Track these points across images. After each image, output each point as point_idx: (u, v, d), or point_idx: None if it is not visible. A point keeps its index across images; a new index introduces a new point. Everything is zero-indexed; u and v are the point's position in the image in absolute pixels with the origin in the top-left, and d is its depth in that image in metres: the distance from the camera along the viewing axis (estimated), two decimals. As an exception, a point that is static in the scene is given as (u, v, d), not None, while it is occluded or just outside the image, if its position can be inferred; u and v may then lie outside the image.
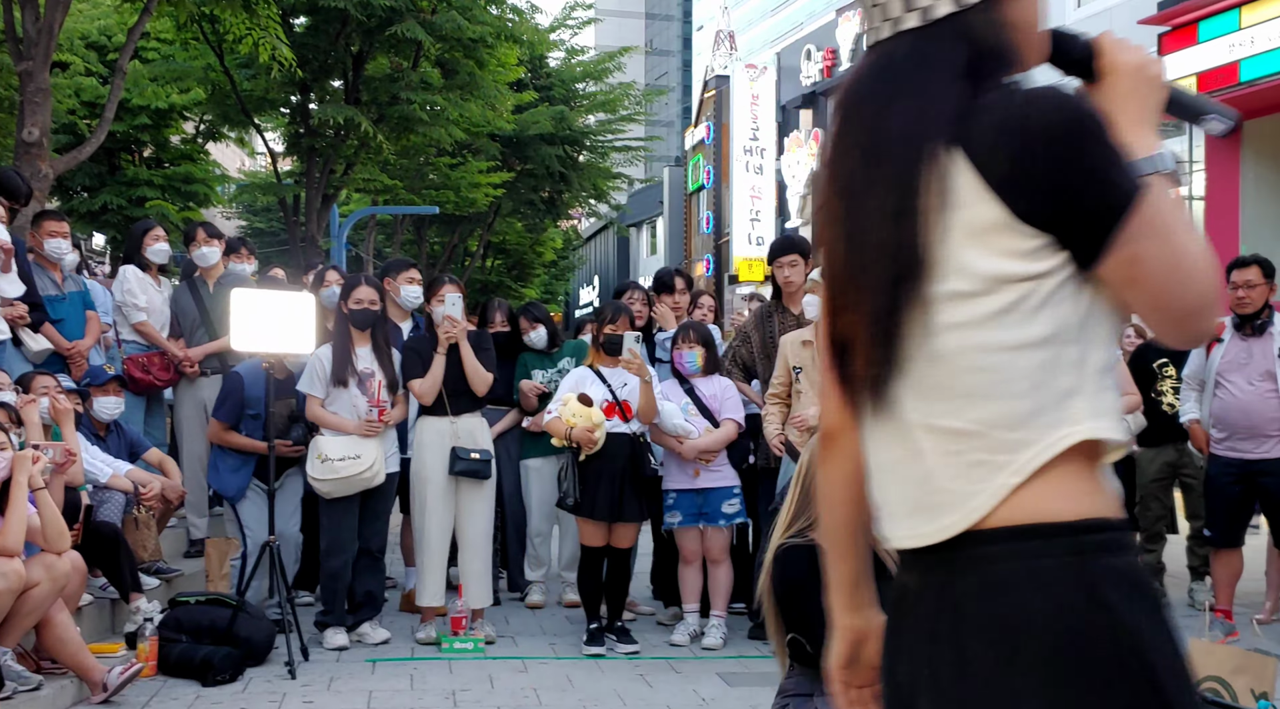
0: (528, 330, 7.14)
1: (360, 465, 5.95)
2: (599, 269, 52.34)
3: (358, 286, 6.13)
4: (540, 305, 7.44)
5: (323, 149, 15.09)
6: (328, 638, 6.02)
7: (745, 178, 30.80)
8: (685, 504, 6.20)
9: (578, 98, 24.95)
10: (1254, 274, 6.18)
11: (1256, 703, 4.17)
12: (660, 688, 5.37)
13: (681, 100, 61.15)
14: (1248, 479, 6.17)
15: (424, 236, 25.60)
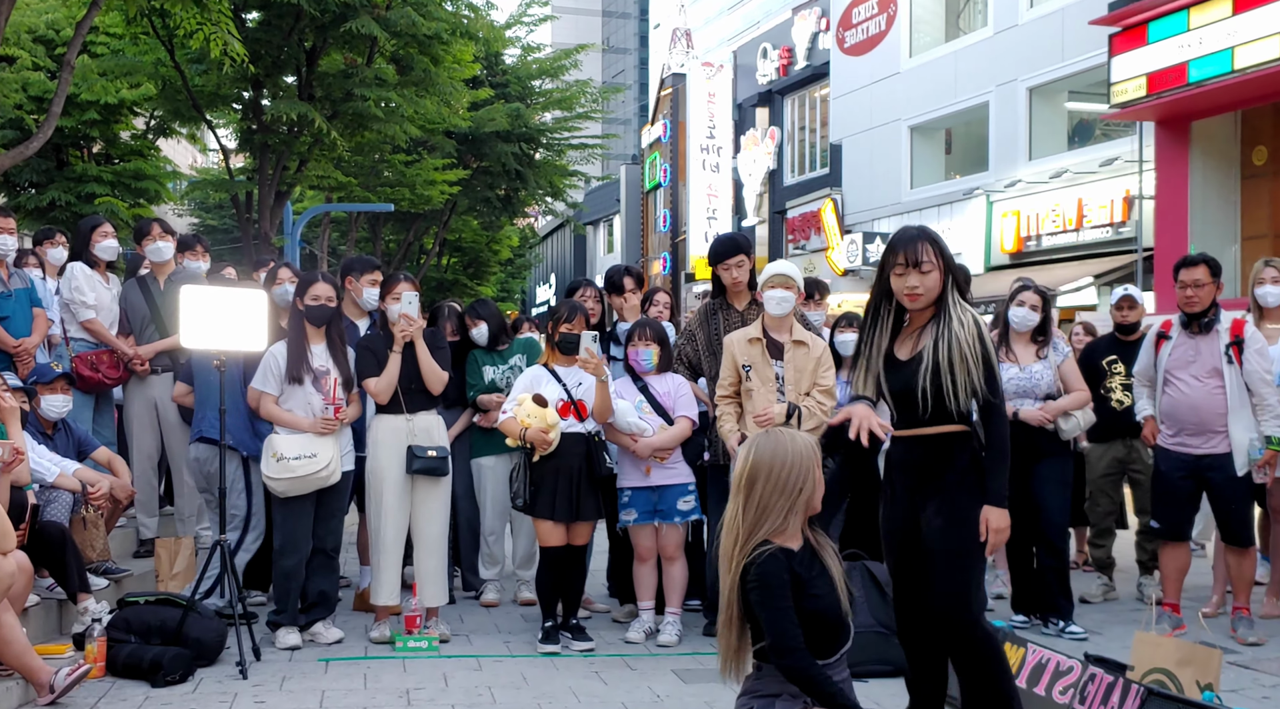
0: (471, 327, 7.13)
1: (316, 464, 5.90)
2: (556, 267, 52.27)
3: (315, 283, 6.08)
4: (487, 303, 7.39)
5: (276, 145, 14.96)
6: (280, 637, 5.97)
7: (702, 176, 30.84)
8: (640, 502, 6.20)
9: (534, 95, 24.90)
10: (1202, 273, 6.25)
11: (1202, 694, 4.23)
12: (615, 685, 5.37)
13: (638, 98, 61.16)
14: (1195, 474, 6.25)
15: (379, 234, 25.45)
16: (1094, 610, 7.00)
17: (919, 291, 4.00)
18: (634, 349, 6.29)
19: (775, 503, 3.48)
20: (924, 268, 3.99)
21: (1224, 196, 15.65)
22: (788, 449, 3.51)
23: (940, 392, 3.91)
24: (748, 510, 3.49)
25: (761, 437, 3.59)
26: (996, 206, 20.07)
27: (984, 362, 3.92)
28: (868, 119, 24.38)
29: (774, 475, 3.48)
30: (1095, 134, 19.41)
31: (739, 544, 3.50)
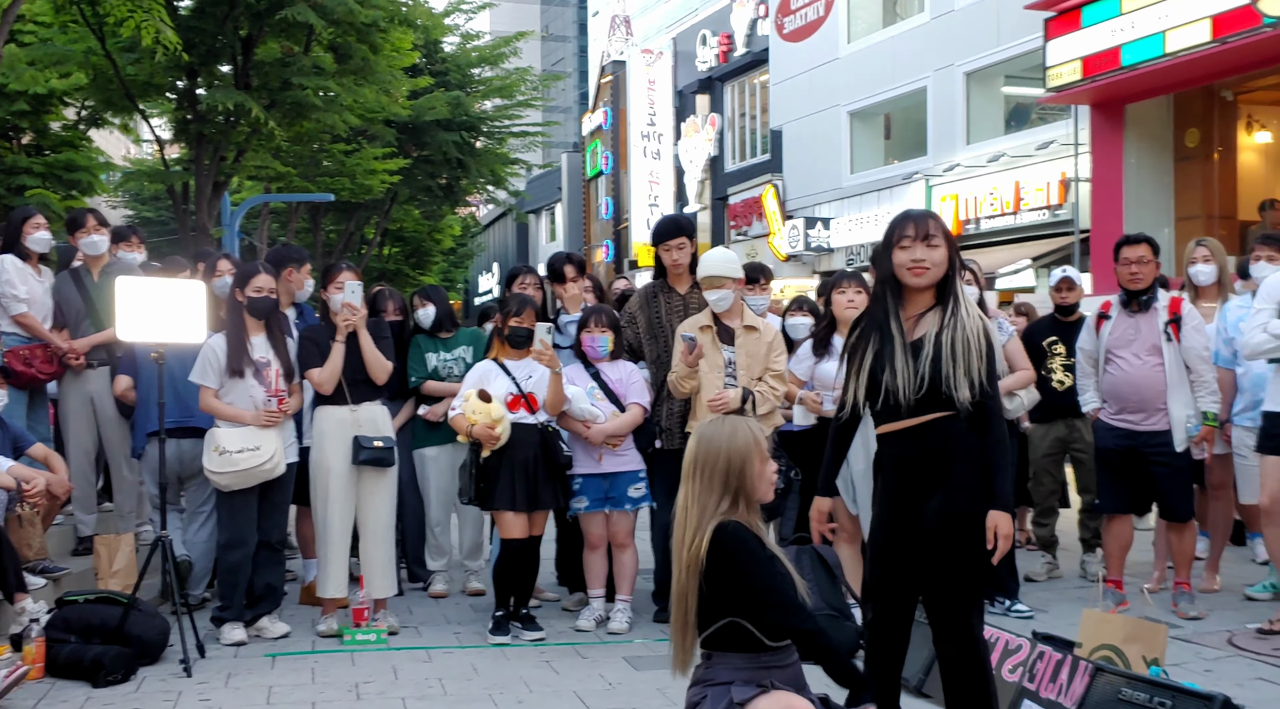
0: (417, 308, 7.07)
1: (260, 457, 5.82)
2: (498, 256, 52.01)
3: (256, 274, 5.98)
4: (439, 289, 7.36)
5: (212, 135, 14.73)
6: (225, 633, 5.88)
7: (643, 163, 30.83)
8: (592, 489, 6.18)
9: (474, 83, 24.77)
10: (1144, 251, 6.33)
11: (1149, 669, 4.29)
12: (566, 674, 5.35)
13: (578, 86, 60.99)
14: (1135, 451, 6.33)
15: (319, 224, 25.19)
16: (1039, 589, 7.08)
17: (925, 265, 3.80)
18: (589, 335, 6.26)
19: (725, 488, 3.48)
20: (932, 242, 3.81)
21: (1158, 179, 15.88)
22: (735, 435, 3.50)
23: (938, 380, 3.72)
24: (699, 496, 3.48)
25: (710, 423, 3.59)
26: (936, 191, 20.23)
27: (988, 356, 3.76)
28: (807, 105, 24.48)
29: (722, 461, 3.47)
30: (1031, 118, 19.61)
31: (692, 529, 3.48)
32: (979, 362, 3.73)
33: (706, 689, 3.47)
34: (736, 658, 3.45)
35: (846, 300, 5.97)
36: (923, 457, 3.79)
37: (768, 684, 3.37)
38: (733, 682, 3.41)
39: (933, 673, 4.89)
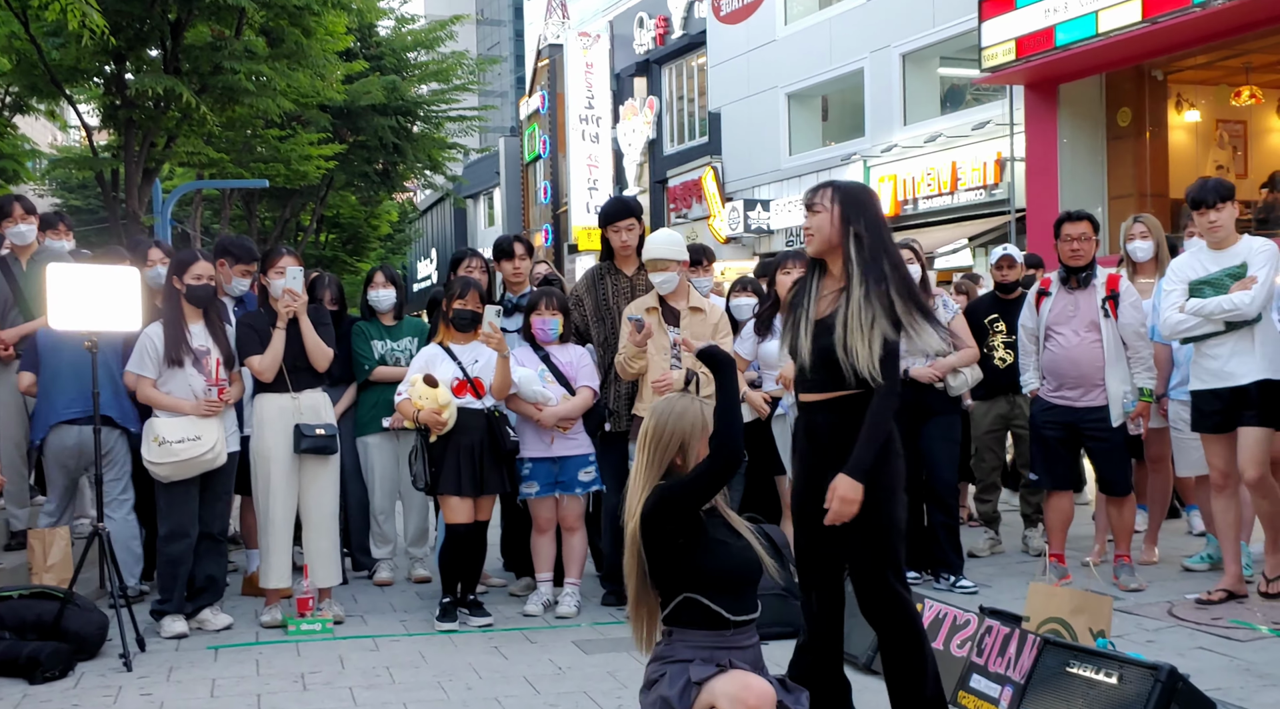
0: (375, 288, 7.00)
1: (201, 447, 5.70)
2: (437, 242, 51.64)
3: (195, 262, 5.86)
4: (397, 273, 7.31)
5: (142, 121, 14.41)
6: (165, 626, 5.77)
7: (582, 147, 30.69)
8: (541, 473, 6.13)
9: (409, 67, 24.50)
10: (1085, 227, 6.39)
11: (1096, 641, 4.33)
12: (515, 659, 5.31)
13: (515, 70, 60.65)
14: (1073, 426, 6.40)
15: (254, 211, 24.83)
16: (982, 564, 7.15)
17: (810, 232, 3.95)
18: (539, 318, 6.20)
19: (672, 465, 3.55)
20: (815, 208, 3.94)
21: (1091, 158, 16.08)
22: (684, 413, 3.56)
23: (835, 356, 3.80)
24: (650, 469, 3.53)
25: (663, 399, 3.66)
26: (874, 171, 20.35)
27: (883, 341, 3.77)
28: (745, 87, 24.50)
29: (667, 437, 3.54)
30: (967, 98, 19.78)
31: (635, 502, 3.53)
32: (871, 347, 3.76)
33: (665, 666, 3.47)
34: (697, 635, 3.45)
35: (791, 280, 5.94)
36: (827, 429, 3.89)
37: (726, 663, 3.37)
38: (692, 660, 3.41)
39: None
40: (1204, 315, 5.80)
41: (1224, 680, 4.70)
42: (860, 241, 3.86)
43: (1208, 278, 5.87)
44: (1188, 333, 5.92)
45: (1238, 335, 5.80)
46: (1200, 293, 5.85)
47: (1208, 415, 5.97)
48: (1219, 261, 5.87)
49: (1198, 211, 5.92)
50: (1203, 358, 5.95)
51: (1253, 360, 5.77)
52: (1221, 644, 5.27)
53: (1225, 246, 5.88)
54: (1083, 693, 3.90)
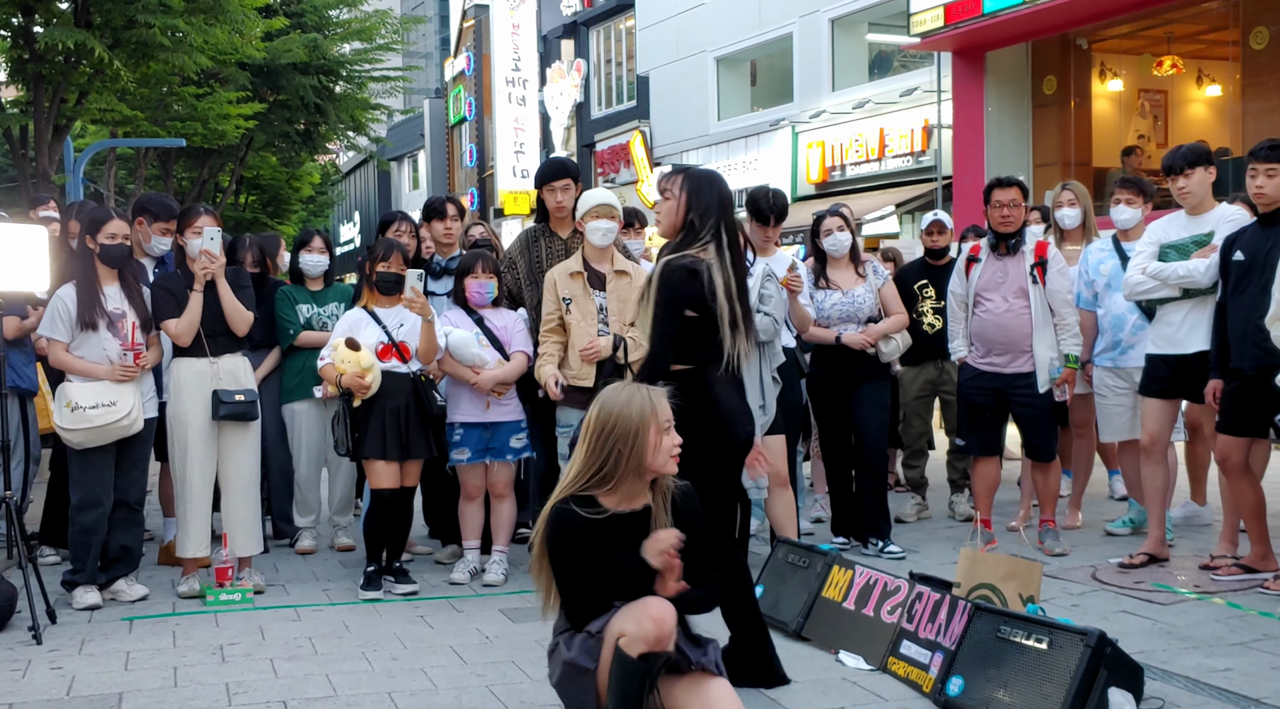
0: (312, 252, 6.83)
1: (117, 413, 5.50)
2: (360, 205, 50.92)
3: (109, 221, 5.63)
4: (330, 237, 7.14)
5: (51, 76, 13.97)
6: (77, 597, 5.59)
7: (508, 109, 30.36)
8: (473, 439, 6.02)
9: (331, 25, 24.07)
10: (1015, 193, 6.39)
11: (1026, 607, 4.34)
12: (441, 628, 5.22)
13: (439, 31, 59.75)
14: (999, 392, 6.43)
15: (170, 171, 24.25)
16: (909, 529, 7.18)
17: (659, 217, 4.37)
18: (474, 280, 6.06)
19: (616, 455, 3.42)
20: (665, 196, 4.30)
21: (1017, 126, 16.21)
22: (629, 403, 3.45)
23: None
24: (590, 458, 3.44)
25: (612, 389, 3.53)
26: (802, 137, 20.36)
27: (651, 313, 4.11)
28: (674, 51, 24.35)
29: (610, 427, 3.43)
30: (895, 65, 19.83)
31: (560, 489, 3.45)
32: (643, 317, 4.15)
33: (558, 637, 3.46)
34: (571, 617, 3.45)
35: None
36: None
37: (616, 606, 3.35)
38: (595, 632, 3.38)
39: (812, 616, 4.91)
40: (1161, 279, 5.84)
41: (1147, 644, 4.75)
42: (694, 228, 4.20)
43: (1175, 242, 5.91)
44: (1145, 295, 5.96)
45: (1193, 303, 5.85)
46: (1166, 257, 5.89)
47: (1155, 380, 6.02)
48: (1190, 228, 5.91)
49: (1169, 178, 5.93)
50: (1159, 323, 6.00)
51: (1201, 331, 5.82)
52: (1144, 608, 5.33)
53: (1200, 213, 5.91)
54: (1013, 659, 3.91)
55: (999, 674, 3.92)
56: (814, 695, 4.24)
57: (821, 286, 6.55)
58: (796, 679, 4.41)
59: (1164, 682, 4.27)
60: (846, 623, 4.74)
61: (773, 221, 6.34)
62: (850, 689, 4.31)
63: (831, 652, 4.70)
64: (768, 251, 6.30)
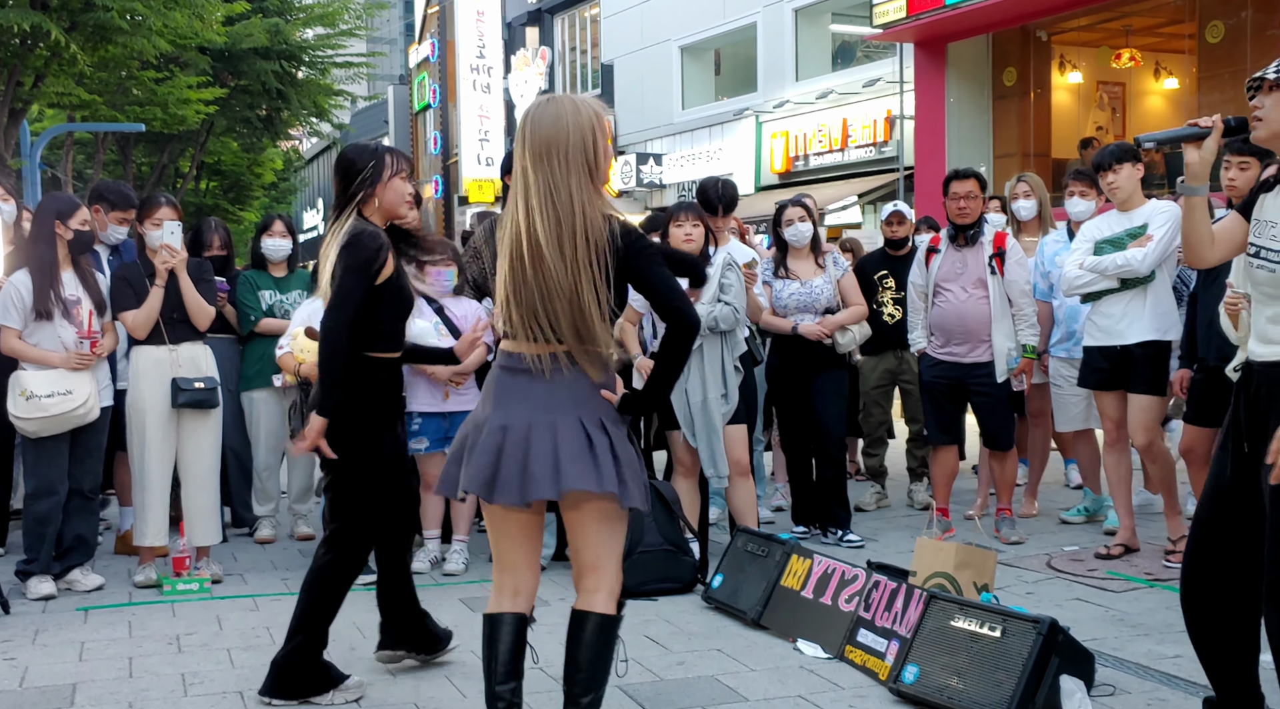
0: (272, 235, 6.79)
1: (73, 401, 5.45)
2: (323, 191, 50.56)
3: (78, 208, 5.57)
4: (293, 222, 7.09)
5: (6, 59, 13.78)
6: (31, 587, 5.54)
7: (473, 97, 30.20)
8: (431, 429, 6.01)
9: (293, 10, 23.86)
10: (972, 186, 6.43)
11: (980, 595, 4.39)
12: (401, 617, 5.21)
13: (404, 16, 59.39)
14: (959, 381, 6.48)
15: (130, 156, 23.98)
16: (869, 518, 7.23)
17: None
18: (434, 269, 6.04)
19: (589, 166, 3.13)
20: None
21: (977, 117, 16.31)
22: (578, 109, 3.15)
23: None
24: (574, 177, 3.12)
25: (536, 104, 3.23)
26: (766, 127, 20.39)
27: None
28: (639, 39, 24.32)
29: (575, 133, 3.12)
30: (858, 56, 19.90)
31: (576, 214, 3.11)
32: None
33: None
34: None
35: (684, 234, 5.85)
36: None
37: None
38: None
39: (770, 605, 4.94)
40: (1099, 271, 5.89)
41: (1099, 631, 4.81)
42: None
43: (1110, 237, 5.97)
44: (1084, 289, 6.01)
45: (1131, 295, 5.91)
46: (1101, 251, 5.95)
47: (1094, 372, 6.08)
48: (1123, 223, 5.97)
49: (1099, 174, 6.00)
50: (1097, 314, 6.05)
51: (1142, 321, 5.88)
52: (1097, 595, 5.40)
53: (1129, 208, 5.97)
54: (966, 646, 3.95)
55: (953, 662, 3.96)
56: (771, 684, 4.27)
57: (780, 276, 6.57)
58: (754, 668, 4.44)
59: (1115, 668, 4.33)
60: (804, 611, 4.77)
61: (721, 211, 6.36)
62: (807, 677, 4.34)
63: (789, 640, 4.73)
64: (721, 241, 6.31)
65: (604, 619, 3.27)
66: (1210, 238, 3.54)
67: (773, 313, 6.49)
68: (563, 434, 3.12)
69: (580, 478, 3.09)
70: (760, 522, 6.34)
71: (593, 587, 3.27)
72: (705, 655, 4.61)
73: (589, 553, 3.27)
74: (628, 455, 3.17)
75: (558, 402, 3.15)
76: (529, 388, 3.18)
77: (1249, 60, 13.16)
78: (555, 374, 3.16)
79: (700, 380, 5.66)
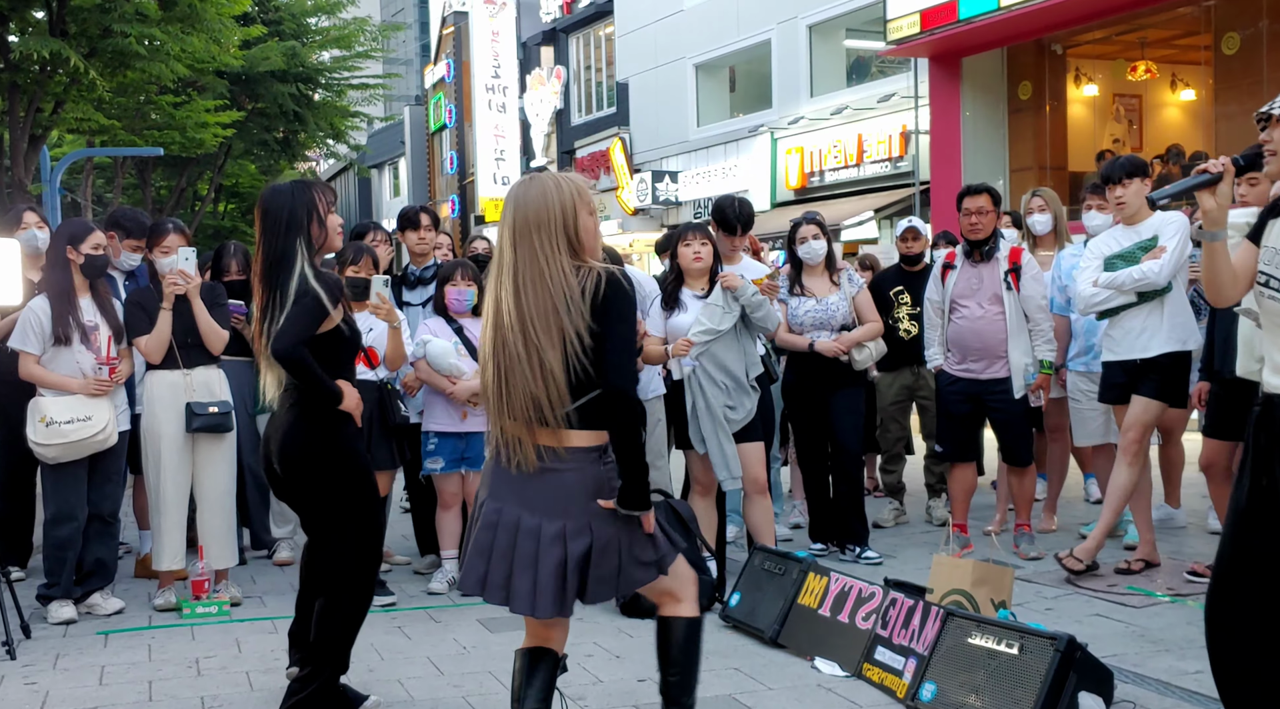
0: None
1: (92, 427, 5.48)
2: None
3: (90, 232, 5.61)
4: None
5: (27, 85, 13.91)
6: (52, 612, 5.57)
7: (488, 116, 30.34)
8: (447, 449, 6.02)
9: (310, 33, 24.01)
10: (984, 201, 6.42)
11: (998, 612, 4.37)
12: (419, 639, 5.22)
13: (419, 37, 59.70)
14: (976, 398, 6.46)
15: (148, 180, 24.14)
16: (887, 535, 7.21)
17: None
18: (454, 288, 6.07)
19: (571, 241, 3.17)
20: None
21: (993, 131, 16.28)
22: (560, 187, 3.19)
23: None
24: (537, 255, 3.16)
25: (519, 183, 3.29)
26: (781, 143, 20.40)
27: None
28: (653, 57, 24.38)
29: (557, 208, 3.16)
30: (872, 71, 19.90)
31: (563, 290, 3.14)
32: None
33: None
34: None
35: (692, 253, 5.85)
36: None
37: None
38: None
39: (788, 623, 4.92)
40: (1115, 287, 5.86)
41: (1120, 647, 4.78)
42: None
43: (1120, 252, 5.94)
44: (1101, 305, 5.98)
45: (1149, 309, 5.87)
46: (1113, 266, 5.92)
47: (1113, 388, 6.05)
48: (1131, 236, 5.94)
49: (1108, 187, 5.98)
50: (1114, 329, 6.01)
51: (1162, 334, 5.84)
52: (1118, 611, 5.37)
53: (1136, 222, 5.94)
54: (984, 664, 3.93)
55: (971, 679, 3.94)
56: (789, 702, 4.26)
57: (796, 293, 6.57)
58: (772, 686, 4.43)
59: (1136, 685, 4.31)
60: (822, 630, 4.76)
61: (739, 231, 6.36)
62: (825, 696, 4.33)
63: (807, 659, 4.72)
64: (735, 260, 6.31)
65: (690, 621, 3.47)
66: (1233, 277, 3.54)
67: (789, 330, 6.49)
68: (544, 548, 3.16)
69: (552, 606, 3.19)
70: (778, 539, 6.32)
71: (673, 601, 3.48)
72: (723, 674, 4.60)
73: (652, 593, 3.48)
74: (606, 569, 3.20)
75: (545, 502, 3.18)
76: (521, 482, 3.20)
77: (1265, 71, 13.11)
78: (544, 468, 3.17)
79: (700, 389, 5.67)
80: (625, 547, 3.23)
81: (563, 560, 3.15)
